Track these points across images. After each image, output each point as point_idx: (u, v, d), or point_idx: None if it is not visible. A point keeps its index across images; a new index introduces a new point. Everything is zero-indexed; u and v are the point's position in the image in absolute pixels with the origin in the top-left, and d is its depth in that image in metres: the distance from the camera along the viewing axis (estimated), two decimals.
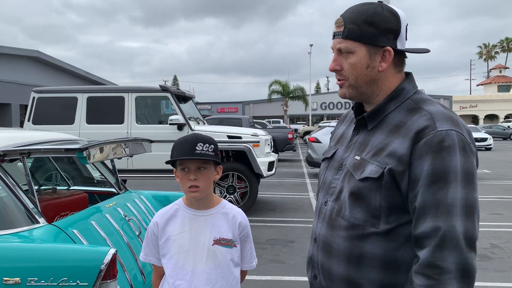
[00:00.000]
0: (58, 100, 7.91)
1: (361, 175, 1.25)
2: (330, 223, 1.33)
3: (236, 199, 7.48)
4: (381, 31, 1.26)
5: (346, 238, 1.27)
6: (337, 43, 1.30)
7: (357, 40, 1.27)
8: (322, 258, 1.35)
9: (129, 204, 3.17)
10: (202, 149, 1.62)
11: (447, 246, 1.11)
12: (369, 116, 1.34)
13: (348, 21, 1.27)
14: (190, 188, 1.64)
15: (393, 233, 1.22)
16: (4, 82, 21.70)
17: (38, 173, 4.22)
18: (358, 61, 1.28)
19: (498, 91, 53.32)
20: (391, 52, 1.28)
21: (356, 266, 1.26)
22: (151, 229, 1.75)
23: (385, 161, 1.21)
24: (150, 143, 3.53)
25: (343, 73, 1.32)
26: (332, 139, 1.55)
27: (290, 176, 12.65)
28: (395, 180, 1.20)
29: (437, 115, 1.22)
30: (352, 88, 1.33)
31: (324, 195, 1.41)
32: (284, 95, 42.80)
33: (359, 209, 1.25)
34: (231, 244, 1.71)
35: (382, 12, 1.27)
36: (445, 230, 1.12)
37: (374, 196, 1.22)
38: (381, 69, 1.29)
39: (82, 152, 2.54)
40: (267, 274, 4.62)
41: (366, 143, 1.32)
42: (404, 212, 1.22)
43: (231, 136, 7.55)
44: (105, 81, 31.88)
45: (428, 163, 1.15)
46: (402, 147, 1.20)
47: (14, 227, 2.30)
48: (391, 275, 1.23)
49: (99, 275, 2.03)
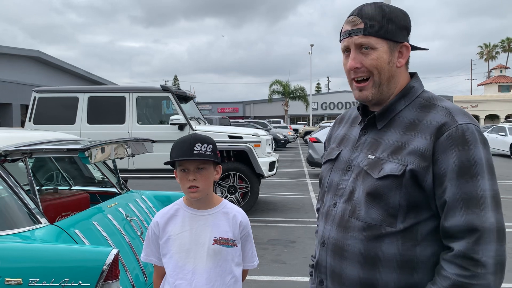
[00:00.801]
0: (59, 100, 7.90)
1: (379, 174, 1.24)
2: (342, 225, 1.31)
3: (237, 199, 7.47)
4: (398, 27, 1.28)
5: (361, 240, 1.25)
6: (357, 39, 1.28)
7: (379, 36, 1.27)
8: (332, 262, 1.33)
9: (130, 204, 3.17)
10: (200, 149, 1.62)
11: (483, 240, 1.13)
12: (380, 115, 1.33)
13: (368, 18, 1.27)
14: (190, 188, 1.64)
15: (410, 232, 1.22)
16: (4, 82, 21.72)
17: (40, 173, 4.21)
18: (381, 56, 1.28)
19: (499, 91, 53.26)
20: (408, 48, 1.31)
21: (371, 268, 1.24)
22: (152, 229, 1.75)
23: (406, 159, 1.21)
24: (152, 143, 3.53)
25: (365, 69, 1.30)
26: (332, 141, 1.53)
27: (291, 176, 12.64)
28: (416, 178, 1.19)
29: (454, 110, 1.24)
30: (375, 87, 1.30)
31: (331, 197, 1.38)
32: (285, 95, 42.83)
33: (376, 209, 1.24)
34: (231, 244, 1.70)
35: (395, 10, 1.30)
36: (480, 223, 1.13)
37: (393, 194, 1.21)
38: (399, 65, 1.30)
39: (84, 152, 2.53)
40: (268, 274, 4.62)
41: (378, 142, 1.31)
42: (422, 210, 1.22)
43: (232, 136, 7.54)
44: (105, 81, 31.91)
45: (454, 157, 1.16)
46: (423, 144, 1.20)
47: (16, 228, 2.30)
48: (406, 276, 1.22)
49: (101, 276, 2.03)
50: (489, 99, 50.13)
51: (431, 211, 1.22)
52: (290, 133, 28.38)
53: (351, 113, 1.53)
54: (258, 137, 7.60)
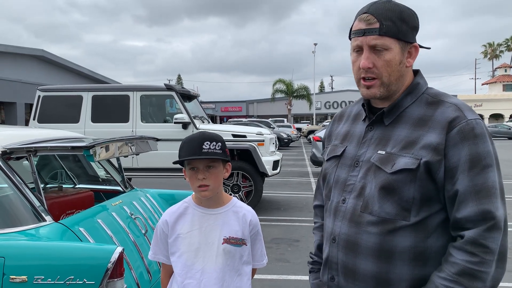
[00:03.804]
0: (63, 98, 7.92)
1: (393, 168, 1.25)
2: (354, 220, 1.31)
3: (241, 198, 7.46)
4: (410, 28, 1.30)
5: (376, 234, 1.27)
6: (372, 40, 1.27)
7: (394, 36, 1.27)
8: (344, 257, 1.33)
9: (135, 203, 3.16)
10: (209, 147, 1.60)
11: (494, 228, 1.17)
12: (388, 111, 1.34)
13: (383, 18, 1.26)
14: (200, 187, 1.63)
15: (422, 224, 1.25)
16: (9, 81, 21.78)
17: (44, 171, 4.22)
18: (394, 57, 1.28)
19: (503, 90, 53.01)
20: (417, 48, 1.33)
21: (386, 261, 1.26)
22: (160, 227, 1.74)
23: (420, 154, 1.24)
24: (156, 141, 3.53)
25: (375, 70, 1.30)
26: (333, 138, 1.52)
27: (295, 175, 12.63)
28: (430, 171, 1.22)
29: (462, 106, 1.27)
30: (384, 87, 1.31)
31: (339, 193, 1.38)
32: (288, 94, 42.80)
33: (390, 203, 1.25)
34: (241, 243, 1.69)
35: (407, 10, 1.30)
36: (494, 211, 1.17)
37: (407, 188, 1.24)
38: (408, 65, 1.33)
39: (89, 150, 2.53)
40: (272, 273, 4.61)
41: (387, 137, 1.32)
42: (434, 202, 1.25)
43: (236, 135, 7.54)
44: (109, 80, 31.95)
45: (466, 150, 1.20)
46: (436, 138, 1.23)
47: (20, 225, 2.30)
48: (419, 268, 1.25)
49: (106, 274, 2.02)
50: (493, 98, 49.93)
51: (441, 203, 1.25)
52: (294, 132, 28.36)
53: (351, 110, 1.52)
54: (262, 136, 7.59)
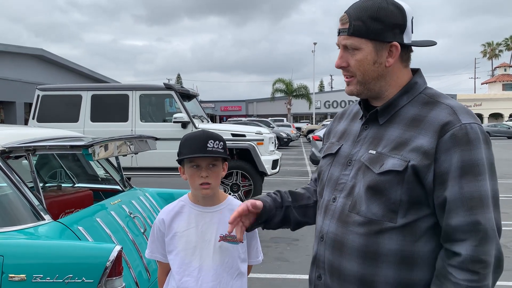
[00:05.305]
0: (62, 98, 7.93)
1: (380, 169, 1.23)
2: (342, 220, 1.30)
3: (240, 197, 7.47)
4: (387, 26, 1.25)
5: (362, 235, 1.24)
6: (342, 40, 1.29)
7: (363, 36, 1.25)
8: (331, 256, 1.32)
9: (134, 202, 3.17)
10: (213, 146, 1.60)
11: (488, 240, 1.14)
12: (382, 110, 1.32)
13: (353, 18, 1.26)
14: (202, 185, 1.63)
15: (410, 227, 1.21)
16: (8, 80, 21.77)
17: (43, 171, 4.22)
18: (365, 57, 1.27)
19: (503, 90, 53.04)
20: (398, 47, 1.27)
21: (371, 263, 1.23)
22: (157, 226, 1.74)
23: (408, 156, 1.20)
24: (155, 140, 3.53)
25: (350, 69, 1.30)
26: (331, 136, 1.52)
27: (294, 175, 12.64)
28: (418, 175, 1.19)
29: (458, 108, 1.22)
30: (360, 85, 1.31)
31: (331, 191, 1.37)
32: (288, 93, 42.80)
33: (377, 204, 1.23)
34: (237, 240, 1.69)
35: (387, 7, 1.25)
36: (484, 223, 1.14)
37: (395, 190, 1.20)
38: (388, 65, 1.28)
39: (88, 149, 2.54)
40: (271, 272, 4.62)
41: (380, 137, 1.30)
42: (423, 206, 1.21)
43: (235, 134, 7.54)
44: (109, 79, 31.93)
45: (457, 156, 1.16)
46: (426, 142, 1.19)
47: (19, 224, 2.31)
48: (406, 272, 1.22)
49: (104, 272, 2.03)
50: (493, 98, 49.95)
51: (431, 208, 1.22)
52: (293, 132, 28.36)
53: (352, 108, 1.52)
54: (261, 135, 7.60)
